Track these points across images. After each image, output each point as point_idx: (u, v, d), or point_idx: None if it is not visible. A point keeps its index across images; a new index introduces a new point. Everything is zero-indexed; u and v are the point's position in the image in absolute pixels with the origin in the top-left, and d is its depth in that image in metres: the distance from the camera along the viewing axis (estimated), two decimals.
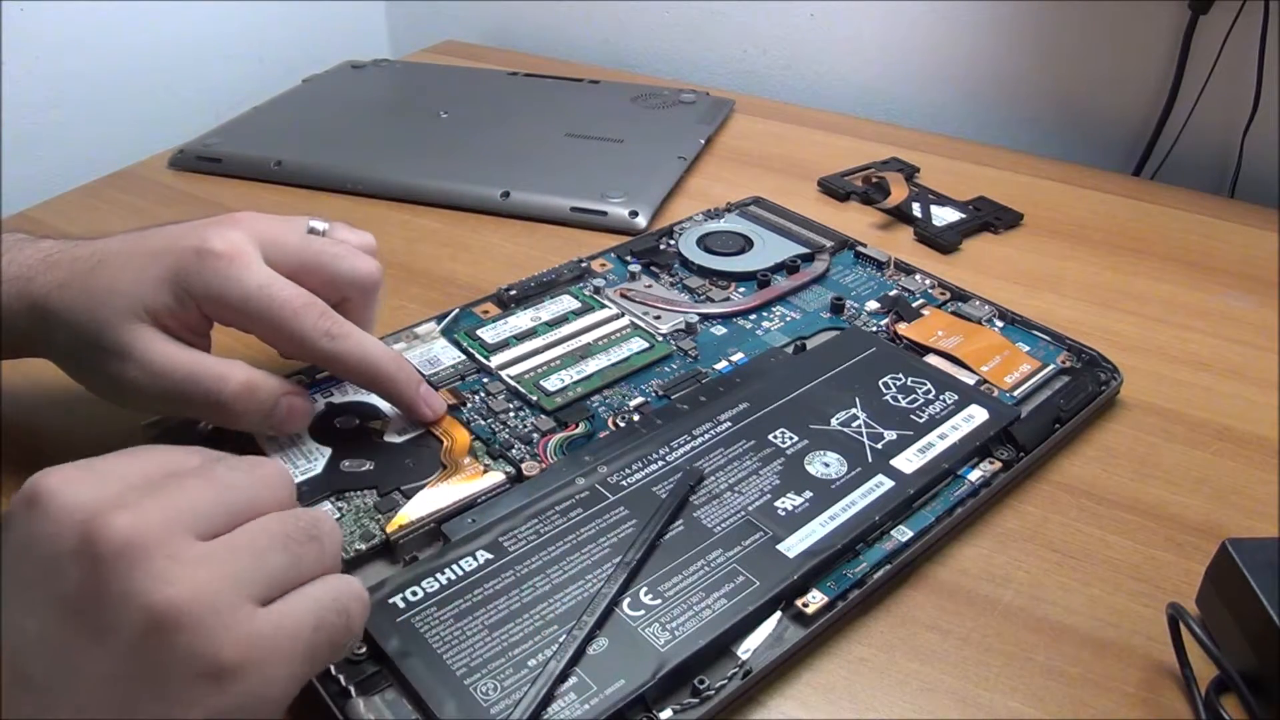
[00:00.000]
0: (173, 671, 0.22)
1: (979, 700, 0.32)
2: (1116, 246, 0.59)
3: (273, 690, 0.24)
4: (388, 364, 0.38)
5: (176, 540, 0.23)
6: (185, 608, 0.22)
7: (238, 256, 0.35)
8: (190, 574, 0.23)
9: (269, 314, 0.35)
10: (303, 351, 0.36)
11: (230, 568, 0.24)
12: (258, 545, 0.25)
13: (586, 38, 0.93)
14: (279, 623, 0.24)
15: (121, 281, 0.35)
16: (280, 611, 0.24)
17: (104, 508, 0.23)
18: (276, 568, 0.25)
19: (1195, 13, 0.67)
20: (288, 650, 0.24)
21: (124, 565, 0.22)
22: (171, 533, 0.23)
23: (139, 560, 0.22)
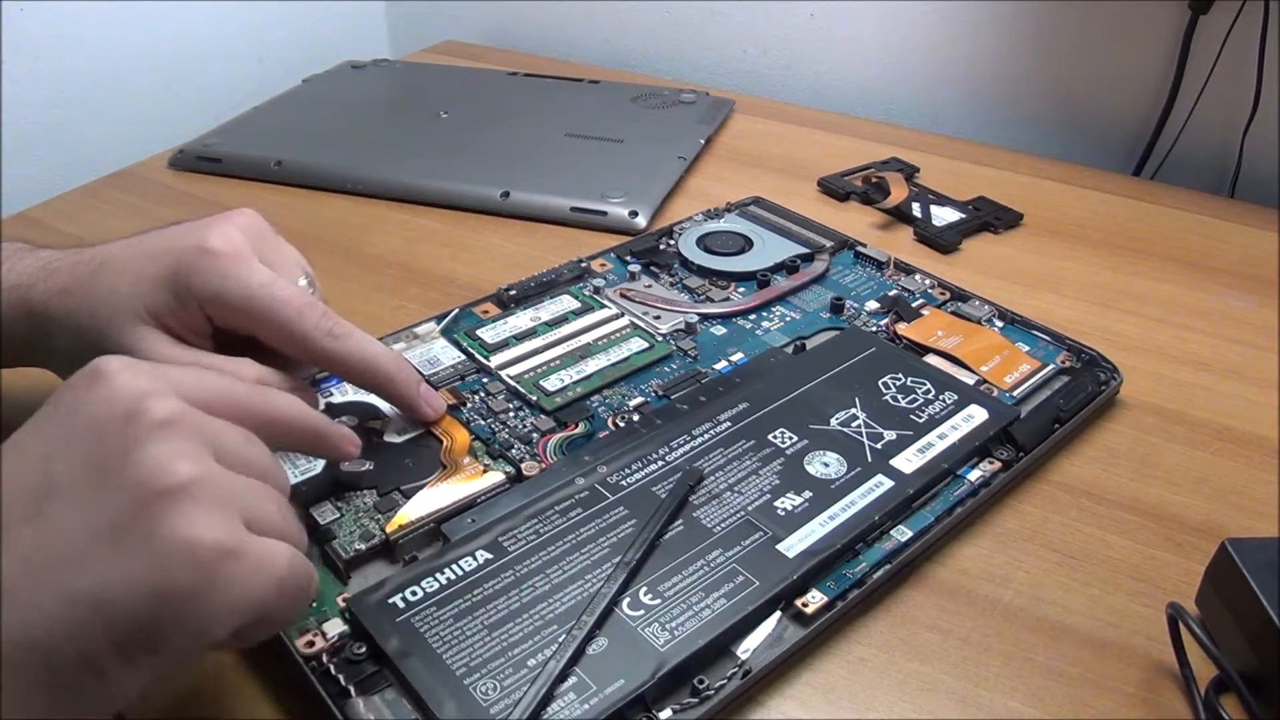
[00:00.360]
0: (159, 538, 0.24)
1: (979, 700, 0.32)
2: (1116, 246, 0.59)
3: (227, 602, 0.24)
4: (388, 364, 0.37)
5: (201, 443, 0.26)
6: (192, 487, 0.24)
7: (239, 256, 0.35)
8: (204, 466, 0.25)
9: (271, 312, 0.35)
10: (305, 351, 0.35)
11: (236, 486, 0.26)
12: (259, 490, 0.27)
13: (586, 38, 0.93)
14: (256, 549, 0.25)
15: (122, 284, 0.35)
16: (261, 542, 0.26)
17: (155, 393, 0.26)
18: (269, 514, 0.27)
19: (1195, 13, 0.67)
20: (256, 576, 0.25)
21: (157, 436, 0.25)
22: (201, 433, 0.26)
23: (170, 437, 0.25)
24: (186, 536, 0.24)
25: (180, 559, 0.24)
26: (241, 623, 0.25)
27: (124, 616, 0.23)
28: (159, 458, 0.24)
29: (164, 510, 0.24)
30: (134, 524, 0.24)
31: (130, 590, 0.23)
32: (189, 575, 0.24)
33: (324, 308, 0.36)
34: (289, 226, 0.37)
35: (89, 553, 0.23)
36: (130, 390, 0.26)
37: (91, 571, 0.23)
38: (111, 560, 0.23)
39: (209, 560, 0.24)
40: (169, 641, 0.24)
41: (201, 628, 0.24)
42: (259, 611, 0.25)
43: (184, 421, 0.26)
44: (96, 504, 0.24)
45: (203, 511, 0.24)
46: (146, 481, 0.24)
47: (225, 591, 0.24)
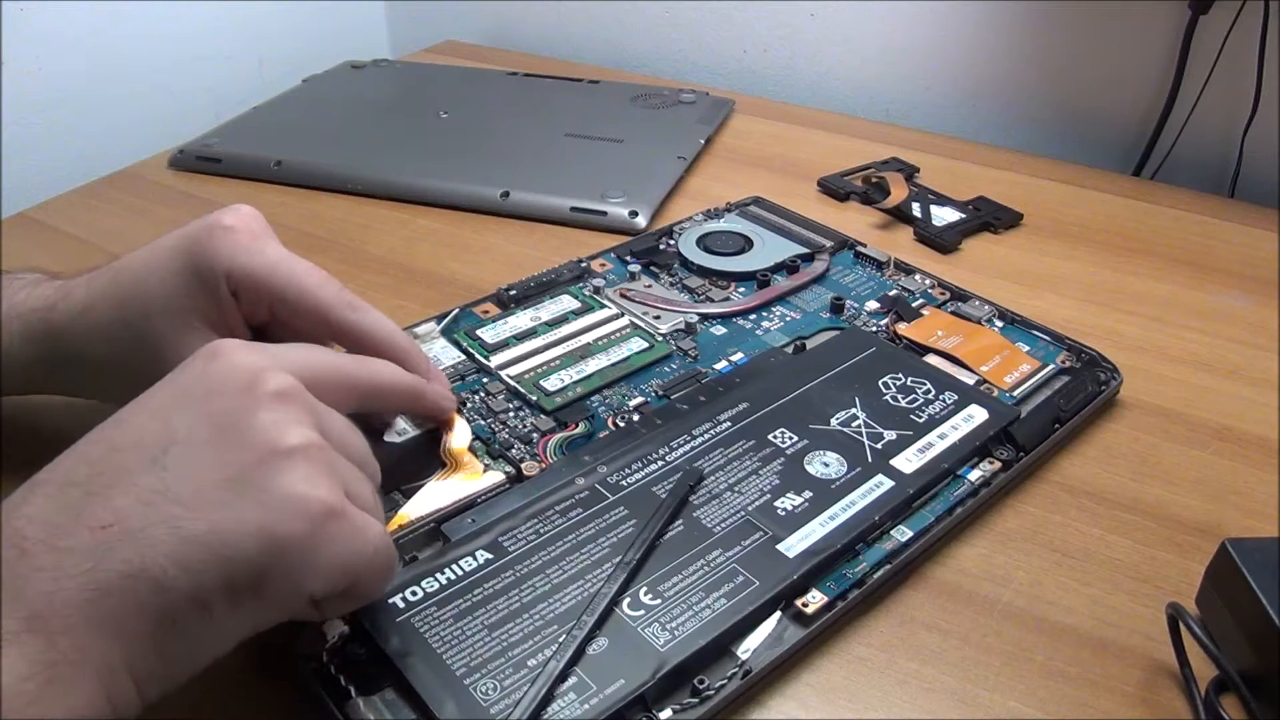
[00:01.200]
0: (274, 490, 0.26)
1: (979, 700, 0.32)
2: (1116, 246, 0.59)
3: (329, 557, 0.26)
4: (404, 341, 0.38)
5: (312, 418, 0.28)
6: (305, 450, 0.27)
7: (255, 233, 0.36)
8: (315, 436, 0.27)
9: (294, 281, 0.35)
10: (326, 322, 0.35)
11: (339, 459, 0.28)
12: (357, 472, 0.29)
13: (586, 38, 0.93)
14: (356, 516, 0.27)
15: (150, 284, 0.35)
16: (360, 512, 0.28)
17: (272, 368, 0.28)
18: (366, 493, 0.29)
19: (1195, 13, 0.67)
20: (355, 540, 0.27)
21: (274, 405, 0.27)
22: (311, 410, 0.28)
23: (285, 407, 0.27)
24: (300, 491, 0.26)
25: (292, 509, 0.26)
26: (335, 584, 0.27)
27: (235, 558, 0.25)
28: (276, 422, 0.27)
29: (280, 466, 0.26)
30: (251, 476, 0.26)
31: (243, 534, 0.25)
32: (299, 525, 0.26)
33: (340, 283, 0.36)
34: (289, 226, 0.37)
35: (206, 499, 0.25)
36: (249, 364, 0.28)
37: (207, 516, 0.25)
38: (227, 507, 0.25)
39: (318, 514, 0.26)
40: (272, 588, 0.26)
41: (303, 576, 0.26)
42: (352, 575, 0.27)
43: (297, 396, 0.28)
44: (215, 457, 0.26)
45: (314, 472, 0.26)
46: (264, 441, 0.26)
47: (328, 546, 0.26)
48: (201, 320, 0.35)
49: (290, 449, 0.26)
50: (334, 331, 0.36)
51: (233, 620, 0.26)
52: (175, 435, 0.26)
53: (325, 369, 0.31)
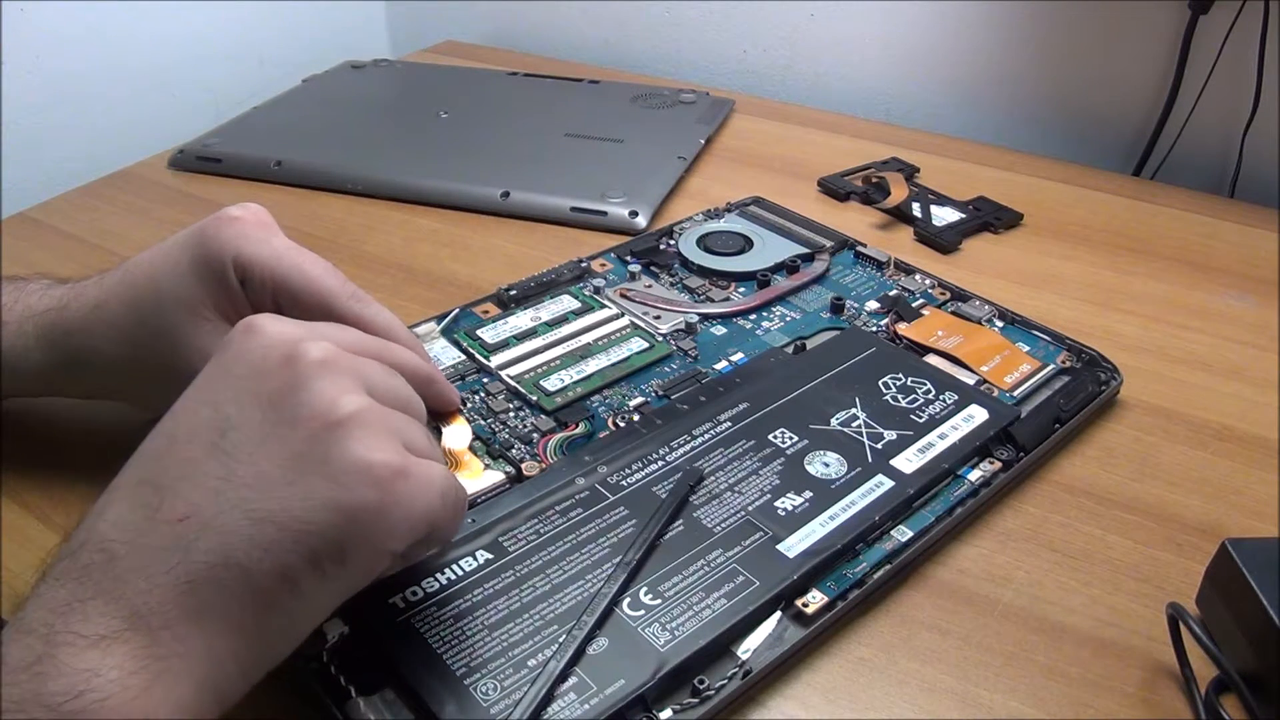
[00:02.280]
0: (338, 462, 0.26)
1: (979, 700, 0.32)
2: (1116, 246, 0.59)
3: (403, 514, 0.27)
4: (405, 335, 0.38)
5: (356, 379, 0.28)
6: (359, 416, 0.27)
7: (261, 222, 0.36)
8: (365, 399, 0.28)
9: (299, 269, 0.35)
10: (328, 312, 0.35)
11: (391, 415, 0.28)
12: (408, 420, 0.29)
13: (586, 38, 0.93)
14: (420, 467, 0.27)
15: (161, 279, 0.36)
16: (421, 462, 0.28)
17: (310, 337, 0.28)
18: (420, 440, 0.29)
19: (1195, 13, 0.67)
20: (424, 490, 0.27)
21: (319, 374, 0.27)
22: (354, 370, 0.28)
23: (330, 374, 0.27)
24: (364, 458, 0.26)
25: (360, 477, 0.26)
26: (414, 535, 0.27)
27: (312, 531, 0.25)
28: (326, 392, 0.27)
29: (339, 437, 0.26)
30: (312, 451, 0.26)
31: (315, 509, 0.25)
32: (369, 491, 0.26)
33: (344, 275, 0.36)
34: (289, 226, 0.37)
35: (273, 478, 0.26)
36: (285, 336, 0.28)
37: (277, 495, 0.25)
38: (295, 483, 0.26)
39: (385, 478, 0.26)
40: (354, 554, 0.26)
41: (383, 540, 0.26)
42: (429, 523, 0.27)
43: (339, 360, 0.28)
44: (273, 436, 0.26)
45: (372, 436, 0.27)
46: (318, 414, 0.26)
47: (401, 504, 0.26)
48: (213, 311, 0.35)
49: (344, 417, 0.27)
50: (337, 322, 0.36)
51: (323, 590, 0.26)
52: (230, 419, 0.27)
53: (353, 342, 0.31)
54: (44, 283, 0.39)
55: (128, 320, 0.36)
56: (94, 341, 0.36)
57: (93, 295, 0.37)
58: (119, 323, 0.36)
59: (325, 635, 0.31)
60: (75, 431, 0.42)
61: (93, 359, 0.37)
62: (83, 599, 0.24)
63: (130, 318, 0.36)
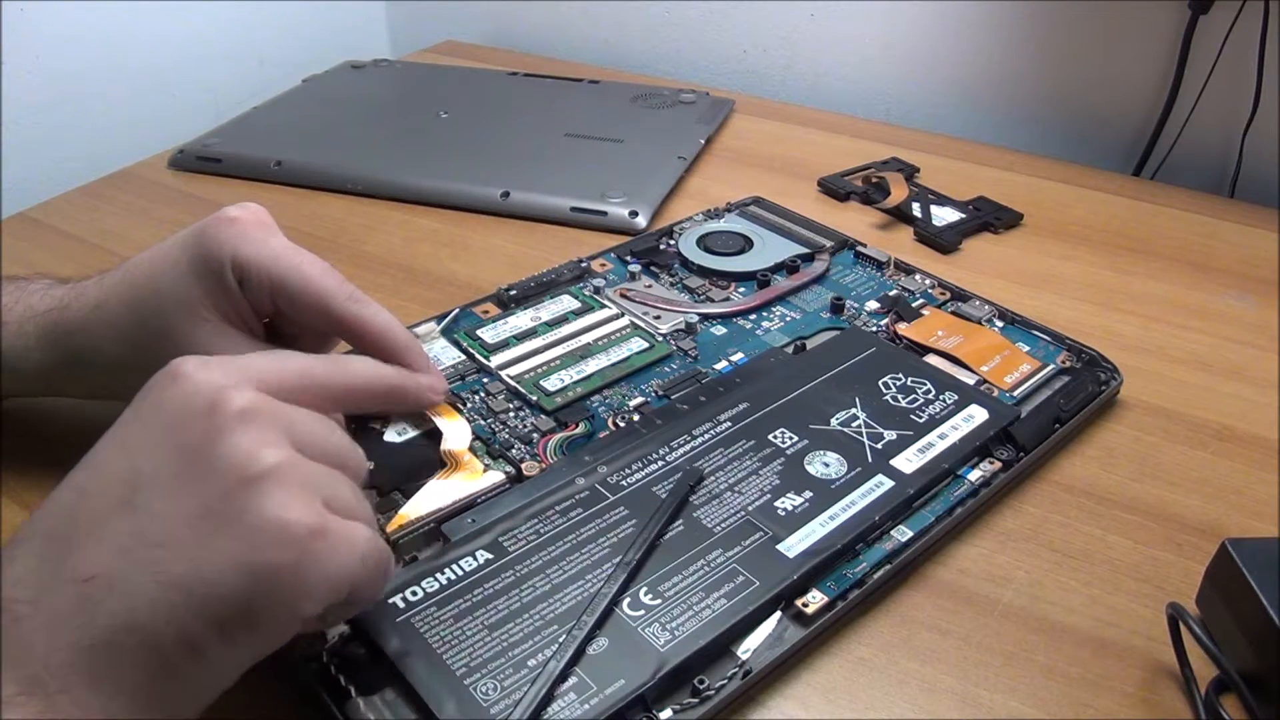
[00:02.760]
0: (251, 520, 0.25)
1: (979, 700, 0.32)
2: (1116, 246, 0.59)
3: (319, 577, 0.25)
4: (403, 334, 0.38)
5: (280, 431, 0.27)
6: (277, 472, 0.25)
7: (261, 223, 0.36)
8: (286, 453, 0.26)
9: (296, 271, 0.35)
10: (328, 313, 0.36)
11: (314, 470, 0.27)
12: (335, 475, 0.28)
13: (586, 38, 0.93)
14: (340, 527, 0.26)
15: (161, 279, 0.35)
16: (342, 522, 0.27)
17: (233, 385, 0.27)
18: (345, 497, 0.28)
19: (1195, 13, 0.67)
20: (342, 552, 0.26)
21: (238, 426, 0.26)
22: (278, 421, 0.27)
23: (251, 425, 0.26)
24: (278, 516, 0.25)
25: (273, 537, 0.25)
26: (331, 599, 0.26)
27: (220, 596, 0.24)
28: (243, 446, 0.26)
29: (253, 494, 0.25)
30: (225, 508, 0.25)
31: (225, 570, 0.24)
32: (282, 553, 0.25)
33: (342, 275, 0.36)
34: (289, 226, 0.37)
35: (182, 537, 0.25)
36: (209, 384, 0.27)
37: (186, 555, 0.24)
38: (204, 543, 0.24)
39: (300, 537, 0.25)
40: (265, 619, 0.25)
41: (296, 603, 0.25)
42: (348, 586, 0.26)
43: (262, 411, 0.27)
44: (186, 492, 0.25)
45: (289, 494, 0.25)
46: (233, 469, 0.25)
47: (316, 567, 0.25)
48: (212, 311, 0.35)
49: (261, 472, 0.25)
50: (334, 323, 0.36)
51: (230, 657, 0.25)
52: (143, 473, 0.25)
53: (294, 375, 0.30)
54: (45, 283, 0.39)
55: (128, 320, 0.36)
56: (94, 341, 0.36)
57: (93, 295, 0.37)
58: (119, 323, 0.36)
59: (325, 635, 0.31)
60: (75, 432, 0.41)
61: (93, 359, 0.37)
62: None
63: (130, 318, 0.36)
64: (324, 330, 0.38)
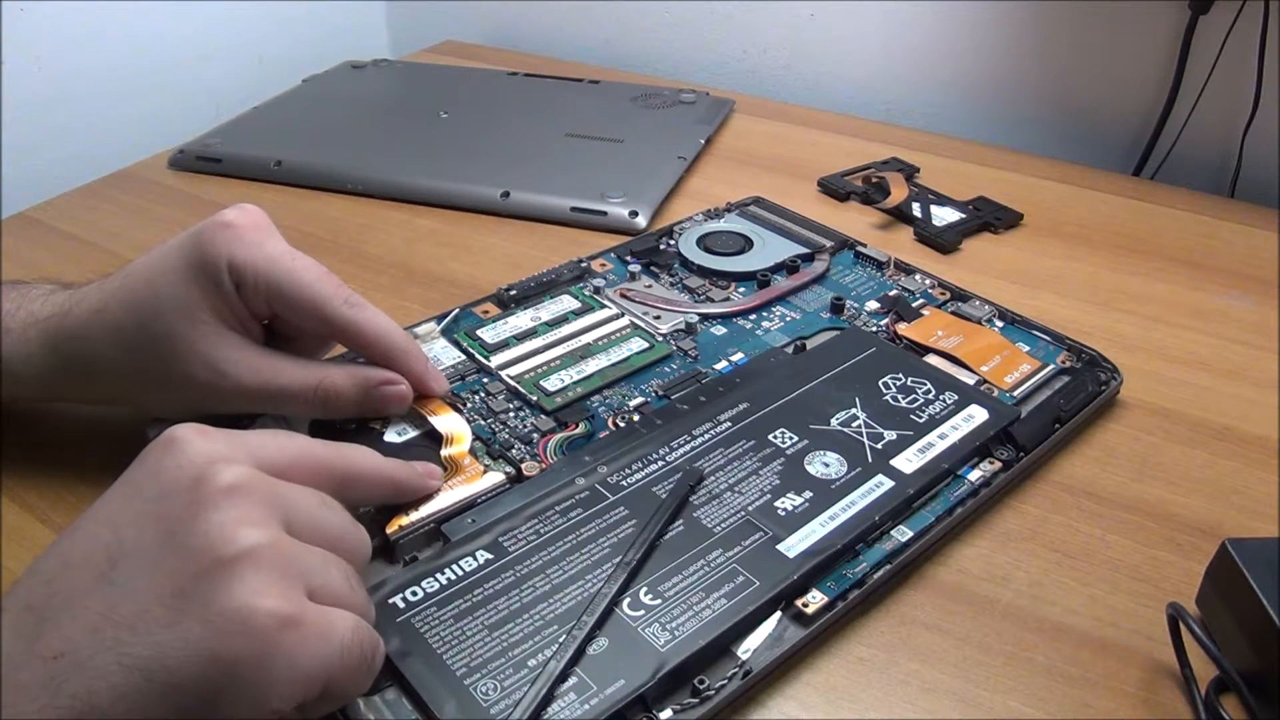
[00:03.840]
0: (218, 605, 0.24)
1: (979, 700, 0.32)
2: (1116, 246, 0.59)
3: (286, 672, 0.24)
4: (400, 337, 0.38)
5: (269, 509, 0.26)
6: (253, 555, 0.24)
7: (258, 227, 0.36)
8: (270, 534, 0.25)
9: (292, 276, 0.35)
10: (324, 318, 0.36)
11: (299, 553, 0.26)
12: (326, 559, 0.27)
13: (586, 38, 0.93)
14: (317, 618, 0.25)
15: (159, 283, 0.36)
16: (322, 612, 0.25)
17: (225, 459, 0.26)
18: (334, 583, 0.27)
19: (1195, 13, 0.67)
20: (316, 646, 0.25)
21: (222, 502, 0.25)
22: (268, 499, 0.26)
23: (236, 503, 0.25)
24: (244, 604, 0.24)
25: (237, 626, 0.24)
26: (304, 694, 0.25)
27: (180, 684, 0.23)
28: (224, 524, 0.25)
29: (223, 577, 0.24)
30: (194, 590, 0.24)
31: (186, 657, 0.23)
32: (245, 643, 0.23)
33: (339, 280, 0.36)
34: (289, 226, 0.37)
35: (150, 618, 0.24)
36: (201, 456, 0.26)
37: (151, 638, 0.23)
38: (171, 626, 0.23)
39: (267, 628, 0.24)
40: (228, 709, 0.24)
41: (260, 698, 0.24)
42: (322, 682, 0.25)
43: (251, 488, 0.26)
44: (162, 569, 0.24)
45: (262, 579, 0.24)
46: (208, 548, 0.24)
47: (283, 661, 0.24)
48: (211, 315, 0.35)
49: (237, 555, 0.24)
50: (331, 327, 0.36)
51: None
52: (123, 545, 0.25)
53: (295, 455, 0.29)
54: (46, 287, 0.39)
55: (128, 325, 0.36)
56: (95, 346, 0.36)
57: (93, 300, 0.37)
58: (119, 327, 0.36)
59: None
60: (75, 432, 0.42)
61: (94, 363, 0.37)
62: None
63: (130, 322, 0.36)
64: (321, 334, 0.38)
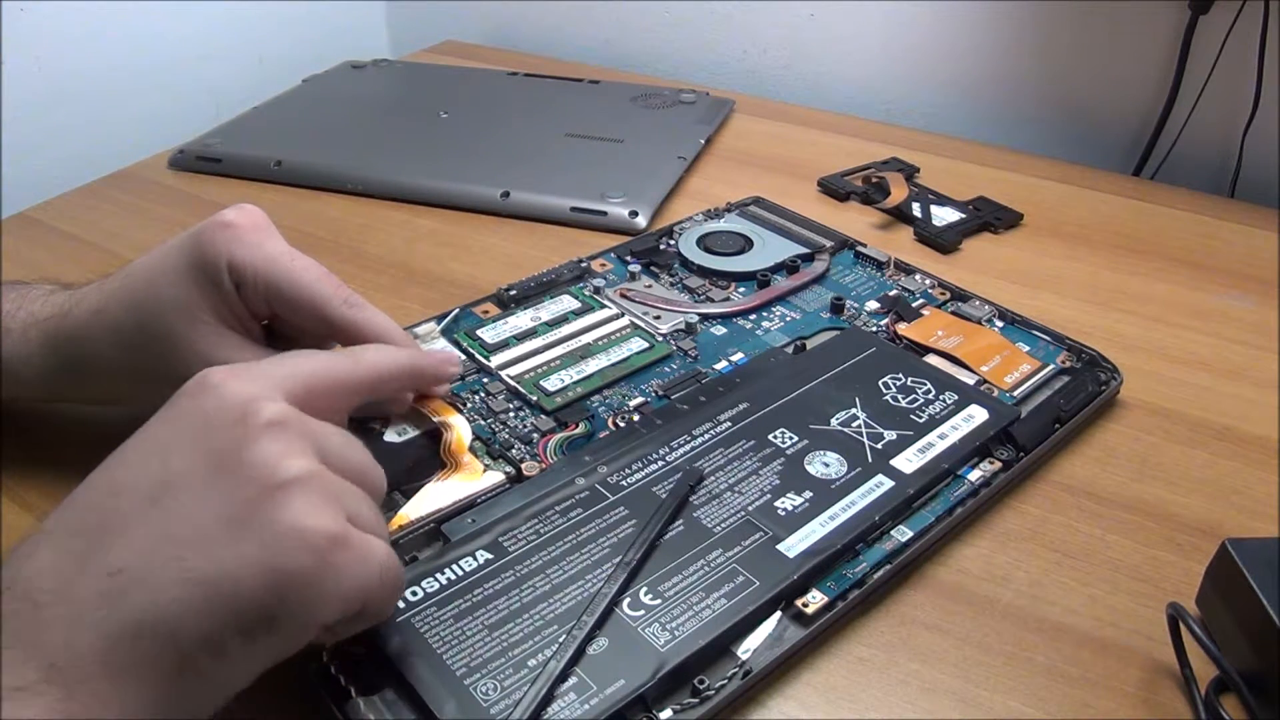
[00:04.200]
0: (275, 526, 0.25)
1: (979, 700, 0.32)
2: (1116, 246, 0.59)
3: (337, 585, 0.26)
4: (400, 337, 0.38)
5: (306, 443, 0.27)
6: (303, 480, 0.26)
7: (257, 227, 0.36)
8: (312, 464, 0.27)
9: (291, 276, 0.35)
10: (324, 318, 0.36)
11: (338, 483, 0.28)
12: (356, 491, 0.29)
13: (586, 38, 0.93)
14: (359, 540, 0.27)
15: (159, 283, 0.36)
16: (361, 535, 0.27)
17: (263, 396, 0.28)
18: (365, 512, 0.28)
19: (1195, 13, 0.67)
20: (361, 564, 0.26)
21: (267, 435, 0.26)
22: (306, 435, 0.28)
23: (280, 436, 0.27)
24: (299, 523, 0.25)
25: (295, 543, 0.25)
26: (347, 608, 0.27)
27: (243, 596, 0.25)
28: (272, 454, 0.26)
29: (279, 501, 0.26)
30: (251, 513, 0.25)
31: (249, 572, 0.25)
32: (304, 558, 0.25)
33: (339, 279, 0.37)
34: (289, 226, 0.37)
35: (208, 538, 0.25)
36: (240, 395, 0.27)
37: (211, 556, 0.25)
38: (230, 546, 0.25)
39: (321, 545, 0.25)
40: (284, 622, 0.25)
41: (314, 608, 0.26)
42: (363, 598, 0.27)
43: (290, 423, 0.27)
44: (214, 495, 0.26)
45: (312, 502, 0.26)
46: (261, 475, 0.26)
47: (335, 575, 0.26)
48: (210, 314, 0.35)
49: (288, 481, 0.26)
50: (330, 327, 0.36)
51: (247, 658, 0.26)
52: (172, 474, 0.26)
53: (318, 376, 0.31)
54: (46, 288, 0.39)
55: (128, 324, 0.36)
56: (96, 346, 0.37)
57: (94, 301, 0.37)
58: (120, 327, 0.36)
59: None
60: (75, 432, 0.42)
61: (95, 363, 0.37)
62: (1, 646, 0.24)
63: (130, 321, 0.36)
64: (321, 334, 0.38)
